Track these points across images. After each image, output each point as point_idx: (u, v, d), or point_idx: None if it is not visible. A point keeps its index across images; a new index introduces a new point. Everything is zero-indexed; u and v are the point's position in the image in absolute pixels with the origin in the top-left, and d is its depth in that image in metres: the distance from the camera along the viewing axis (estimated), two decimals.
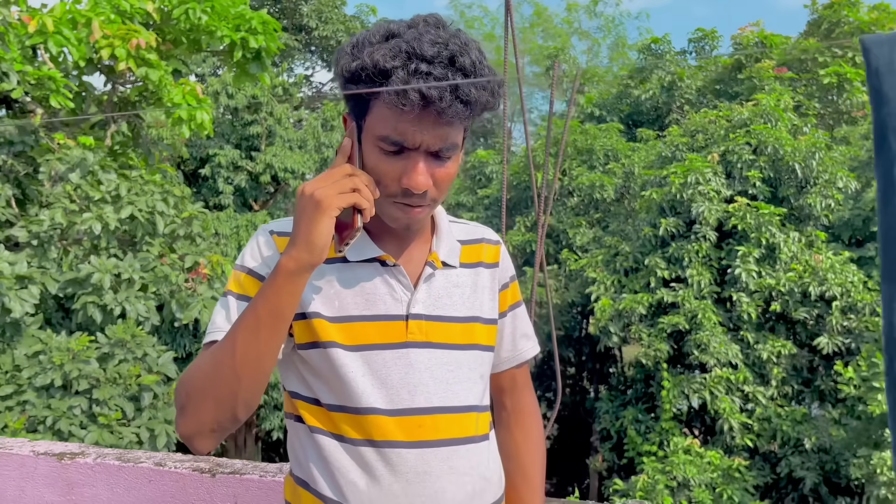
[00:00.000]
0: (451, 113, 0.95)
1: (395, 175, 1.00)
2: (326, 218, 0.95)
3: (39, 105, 6.92)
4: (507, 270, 1.24)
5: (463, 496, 1.05)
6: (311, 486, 1.06)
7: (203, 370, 1.00)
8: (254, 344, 0.96)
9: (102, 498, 2.13)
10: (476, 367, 1.12)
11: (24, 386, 5.66)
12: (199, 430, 0.99)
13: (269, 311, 0.96)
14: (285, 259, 0.96)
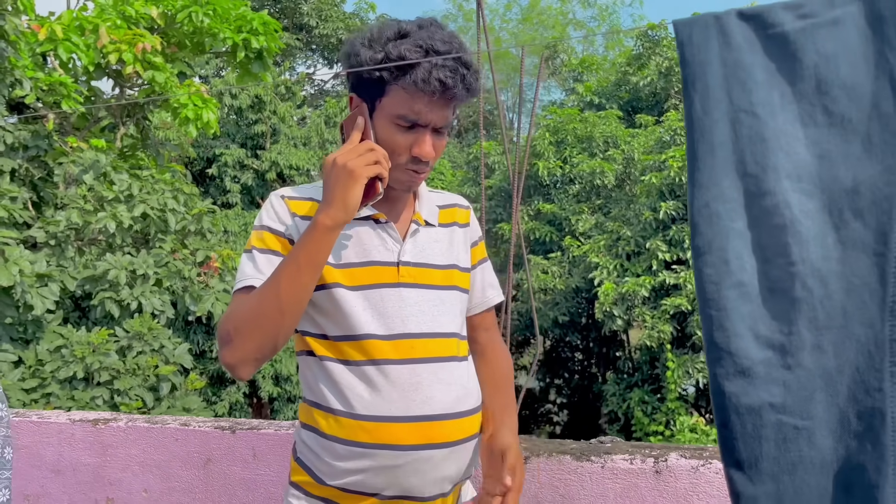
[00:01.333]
0: (459, 97, 1.21)
1: (407, 146, 1.24)
2: (358, 185, 1.18)
3: (51, 110, 7.15)
4: (476, 231, 1.49)
5: (449, 401, 1.27)
6: (322, 405, 1.28)
7: (249, 309, 1.21)
8: (295, 286, 1.18)
9: (134, 457, 2.35)
10: (455, 304, 1.35)
11: (47, 379, 5.90)
12: (243, 359, 1.21)
13: (308, 260, 1.18)
14: (322, 217, 1.18)
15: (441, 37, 1.21)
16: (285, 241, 1.28)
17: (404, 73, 1.20)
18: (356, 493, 1.26)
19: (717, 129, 0.80)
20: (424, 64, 1.18)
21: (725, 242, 0.80)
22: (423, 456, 1.23)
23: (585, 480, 1.88)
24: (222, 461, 2.25)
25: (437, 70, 1.18)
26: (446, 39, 1.21)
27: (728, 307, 0.79)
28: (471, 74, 1.22)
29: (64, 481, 2.45)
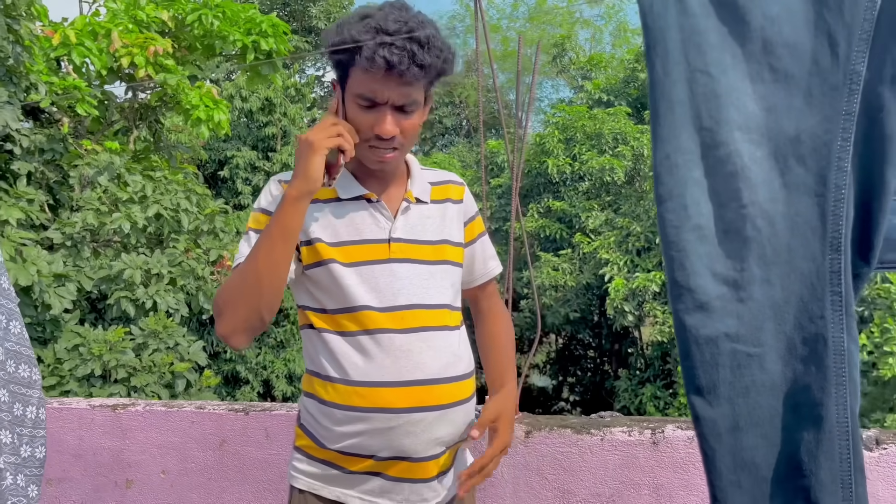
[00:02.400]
0: (409, 74, 1.23)
1: (369, 124, 1.29)
2: (318, 156, 1.25)
3: (65, 114, 7.29)
4: (471, 206, 1.55)
5: (439, 366, 1.34)
6: (321, 374, 1.36)
7: (234, 282, 1.31)
8: (270, 256, 1.27)
9: (153, 440, 2.44)
10: (446, 277, 1.42)
11: (66, 377, 6.03)
12: (234, 329, 1.29)
13: (280, 231, 1.27)
14: (290, 189, 1.26)
15: (395, 17, 1.24)
16: None
17: (359, 54, 1.25)
18: (354, 456, 1.34)
19: (676, 88, 0.88)
20: (370, 43, 1.22)
21: (684, 190, 0.87)
22: (414, 418, 1.31)
23: (586, 452, 1.95)
24: (236, 442, 2.33)
25: (382, 49, 1.22)
26: (400, 19, 1.24)
27: (688, 248, 0.87)
28: (426, 52, 1.24)
29: (85, 465, 2.54)
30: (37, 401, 1.34)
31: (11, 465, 1.34)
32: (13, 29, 5.96)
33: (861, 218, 0.84)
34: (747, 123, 0.86)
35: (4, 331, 1.27)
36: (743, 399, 0.85)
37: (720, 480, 0.86)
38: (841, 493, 0.80)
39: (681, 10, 0.88)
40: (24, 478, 1.36)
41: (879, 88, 0.82)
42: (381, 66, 1.22)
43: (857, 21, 0.81)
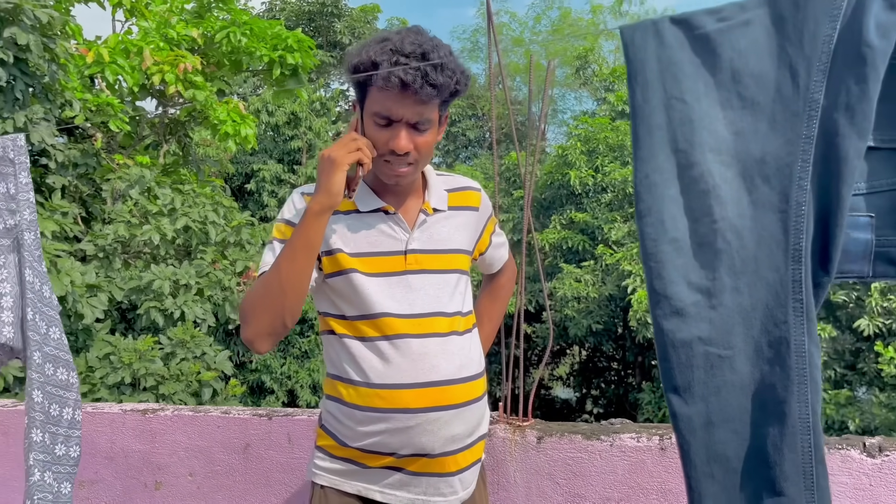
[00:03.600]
0: (423, 93, 1.31)
1: (385, 140, 1.37)
2: (340, 171, 1.33)
3: (99, 130, 7.52)
4: (486, 209, 1.63)
5: (453, 368, 1.43)
6: (342, 377, 1.44)
7: (259, 290, 1.40)
8: (292, 266, 1.36)
9: (181, 443, 2.54)
10: (456, 285, 1.50)
11: (97, 385, 6.19)
12: (258, 334, 1.39)
13: (302, 243, 1.36)
14: (312, 203, 1.35)
15: (411, 41, 1.32)
16: None
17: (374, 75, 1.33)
18: (375, 453, 1.42)
19: (655, 114, 0.96)
20: (385, 64, 1.30)
21: (662, 206, 0.95)
22: (431, 417, 1.39)
23: (595, 458, 2.01)
24: (260, 446, 2.41)
25: (398, 70, 1.29)
26: (415, 42, 1.32)
27: (665, 259, 0.94)
28: (439, 74, 1.31)
29: (116, 467, 2.64)
30: (73, 403, 1.44)
31: (40, 463, 1.44)
32: (49, 48, 6.18)
33: (820, 232, 0.91)
34: (718, 146, 0.93)
35: (44, 336, 1.38)
36: (715, 397, 0.92)
37: (695, 472, 0.93)
38: (803, 483, 0.87)
39: (659, 42, 0.97)
40: (53, 475, 1.45)
41: (835, 115, 0.89)
42: (397, 85, 1.30)
43: (816, 54, 0.89)
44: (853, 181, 0.87)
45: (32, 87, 6.24)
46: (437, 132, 1.44)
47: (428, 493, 1.43)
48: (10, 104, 6.02)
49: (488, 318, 1.75)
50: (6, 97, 6.02)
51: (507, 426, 2.07)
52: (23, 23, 5.77)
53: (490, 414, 2.13)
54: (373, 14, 19.70)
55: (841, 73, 0.88)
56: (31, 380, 1.38)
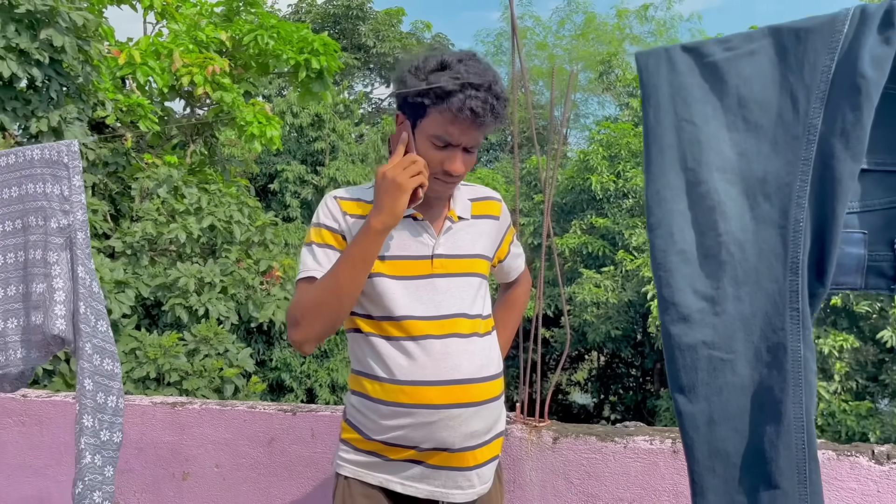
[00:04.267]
0: (487, 123, 1.41)
1: (440, 161, 1.45)
2: (405, 196, 1.40)
3: (129, 129, 7.70)
4: (506, 220, 1.71)
5: (474, 368, 1.50)
6: (368, 373, 1.52)
7: (313, 297, 1.47)
8: (351, 279, 1.44)
9: (208, 436, 2.63)
10: (478, 289, 1.58)
11: (123, 379, 6.33)
12: (309, 338, 1.48)
13: (361, 257, 1.44)
14: (375, 222, 1.41)
15: (476, 70, 1.40)
16: (339, 237, 1.54)
17: (442, 100, 1.39)
18: (398, 447, 1.50)
19: (666, 134, 1.03)
20: (459, 95, 1.38)
21: (671, 220, 1.03)
22: (453, 413, 1.47)
23: (609, 459, 2.07)
24: (284, 440, 2.50)
25: (470, 100, 1.37)
26: (480, 73, 1.40)
27: (673, 269, 1.02)
28: (500, 104, 1.41)
29: (146, 457, 2.74)
30: (116, 391, 1.54)
31: (90, 446, 1.54)
32: (83, 49, 6.35)
33: (817, 247, 0.98)
34: (724, 165, 1.01)
35: (93, 329, 1.47)
36: (717, 397, 0.99)
37: (698, 466, 1.00)
38: (797, 477, 0.94)
39: (671, 69, 1.05)
40: (101, 458, 1.55)
41: (832, 139, 0.96)
42: (468, 116, 1.38)
43: (815, 83, 0.96)
44: (847, 200, 0.94)
45: (66, 88, 6.41)
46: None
47: (447, 486, 1.51)
48: (45, 104, 6.20)
49: (503, 326, 1.80)
50: (41, 97, 6.19)
51: (523, 427, 2.13)
52: (58, 25, 5.94)
53: (508, 414, 2.21)
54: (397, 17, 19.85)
55: (838, 100, 0.95)
56: (83, 369, 1.48)
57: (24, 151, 1.45)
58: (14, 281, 1.51)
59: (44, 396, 3.03)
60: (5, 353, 1.53)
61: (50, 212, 1.44)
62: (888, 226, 0.98)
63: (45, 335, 1.44)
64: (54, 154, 1.41)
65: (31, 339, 1.51)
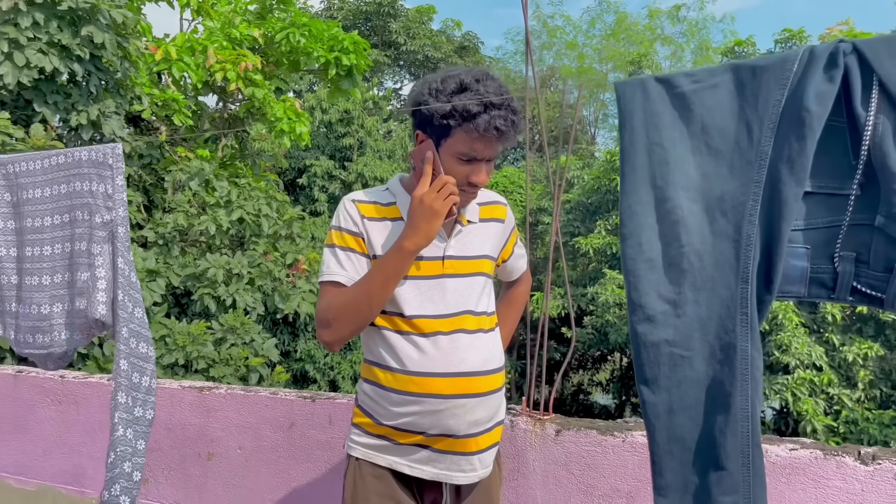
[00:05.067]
0: (509, 137, 1.53)
1: (465, 174, 1.56)
2: (439, 220, 1.53)
3: (163, 123, 7.93)
4: (510, 222, 1.83)
5: (479, 361, 1.62)
6: (379, 363, 1.65)
7: (345, 304, 1.58)
8: (382, 291, 1.57)
9: (232, 419, 2.78)
10: (483, 287, 1.70)
11: None
12: (339, 339, 1.62)
13: (394, 272, 1.56)
14: (408, 243, 1.53)
15: (494, 89, 1.51)
16: (360, 240, 1.65)
17: (468, 120, 1.50)
18: (407, 432, 1.62)
19: (639, 155, 1.15)
20: (484, 115, 1.49)
21: (640, 231, 1.15)
22: (459, 403, 1.59)
23: (608, 452, 2.17)
24: (304, 425, 2.63)
25: (495, 119, 1.48)
26: (499, 92, 1.51)
27: (641, 275, 1.14)
28: (518, 118, 1.52)
29: (174, 437, 2.90)
30: (150, 372, 1.69)
31: (123, 421, 1.69)
32: (122, 46, 6.58)
33: (765, 259, 1.09)
34: (688, 184, 1.13)
35: (130, 314, 1.62)
36: (676, 389, 1.11)
37: (658, 449, 1.13)
38: (741, 460, 1.06)
39: (645, 97, 1.17)
40: (133, 432, 1.70)
41: (780, 165, 1.07)
42: (494, 135, 1.50)
43: (768, 114, 1.07)
44: (792, 219, 1.05)
45: (105, 82, 6.65)
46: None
47: (451, 469, 1.63)
48: (85, 98, 6.44)
49: (504, 322, 1.91)
50: (81, 91, 6.44)
51: (528, 419, 2.25)
52: (99, 22, 6.16)
53: (514, 407, 2.33)
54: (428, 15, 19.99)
55: (786, 131, 1.07)
56: (119, 351, 1.64)
57: (74, 153, 1.60)
58: (61, 269, 1.67)
59: (80, 377, 3.21)
60: (51, 335, 1.69)
61: (95, 208, 1.60)
62: (829, 242, 1.09)
63: (88, 319, 1.60)
64: (100, 156, 1.57)
65: (74, 323, 1.68)
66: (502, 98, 1.50)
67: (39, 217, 1.67)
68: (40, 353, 1.74)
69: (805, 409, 9.59)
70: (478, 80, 1.53)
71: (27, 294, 1.71)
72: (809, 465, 1.91)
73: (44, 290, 1.69)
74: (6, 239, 1.72)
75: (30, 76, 5.79)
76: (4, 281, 1.74)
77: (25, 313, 1.72)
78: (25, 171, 1.66)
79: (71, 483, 3.14)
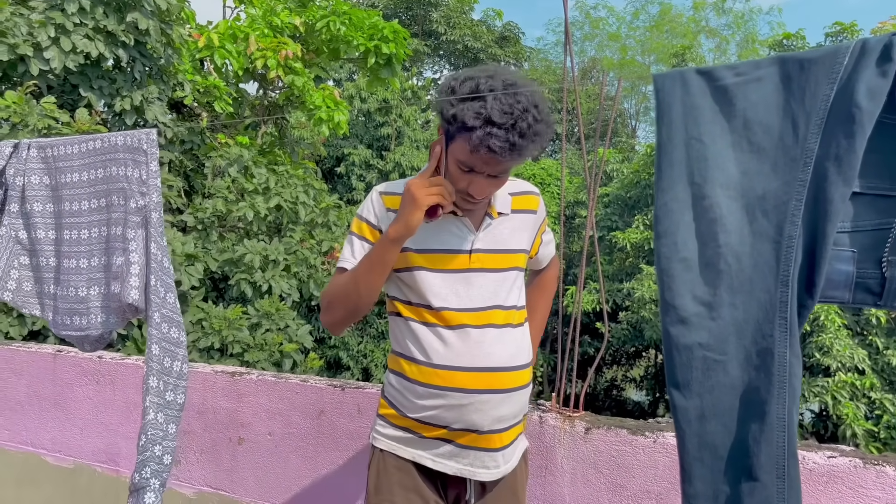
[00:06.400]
0: (507, 159, 1.45)
1: (465, 184, 1.53)
2: (419, 211, 1.50)
3: (205, 109, 8.03)
4: (542, 213, 1.77)
5: (506, 356, 1.60)
6: (406, 355, 1.64)
7: (338, 288, 1.63)
8: (367, 278, 1.58)
9: (263, 405, 2.81)
10: (514, 281, 1.67)
11: (189, 348, 6.68)
12: (333, 322, 1.66)
13: (378, 260, 1.57)
14: (391, 229, 1.52)
15: (505, 105, 1.41)
16: (376, 232, 1.65)
17: (464, 131, 1.45)
18: (430, 425, 1.61)
19: (676, 151, 1.11)
20: (479, 131, 1.41)
21: (676, 230, 1.10)
22: (483, 398, 1.57)
23: (639, 452, 2.13)
24: (333, 414, 2.64)
25: (488, 138, 1.40)
26: (507, 111, 1.41)
27: (675, 275, 1.10)
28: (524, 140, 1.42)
29: (205, 421, 2.94)
30: (182, 357, 1.70)
31: (154, 405, 1.71)
32: (166, 32, 6.67)
33: (807, 262, 1.04)
34: (727, 182, 1.08)
35: (163, 300, 1.64)
36: (709, 395, 1.07)
37: (688, 455, 1.09)
38: (776, 472, 1.02)
39: (685, 90, 1.12)
40: (164, 416, 1.72)
41: (826, 164, 1.02)
42: (486, 154, 1.44)
43: (815, 110, 1.02)
44: (837, 220, 1.00)
45: (149, 69, 6.75)
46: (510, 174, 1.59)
47: (475, 465, 1.62)
48: (129, 83, 6.54)
49: (534, 311, 1.89)
50: (126, 77, 6.54)
51: (558, 415, 2.22)
52: (143, 9, 6.25)
53: (544, 403, 2.30)
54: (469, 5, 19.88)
55: (834, 128, 1.01)
56: (151, 335, 1.66)
57: (110, 137, 1.62)
58: (97, 253, 1.69)
59: (117, 358, 3.28)
60: (87, 317, 1.72)
61: (129, 193, 1.62)
62: (877, 245, 1.04)
63: (122, 303, 1.62)
64: (135, 141, 1.58)
65: (110, 306, 1.70)
66: (506, 118, 1.41)
67: (77, 201, 1.69)
68: (77, 335, 1.77)
69: (845, 413, 9.35)
70: (493, 88, 1.45)
71: (65, 276, 1.74)
72: (848, 473, 1.85)
73: (81, 273, 1.72)
74: (45, 221, 1.75)
75: (76, 61, 5.90)
76: (43, 263, 1.77)
77: (63, 295, 1.75)
78: (63, 154, 1.69)
79: (106, 462, 3.21)
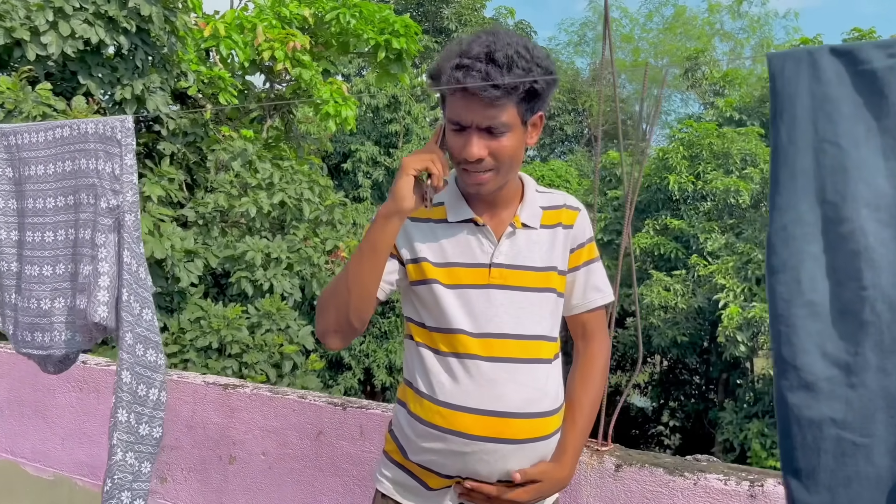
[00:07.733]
0: (487, 96, 1.23)
1: (459, 148, 1.31)
2: (405, 176, 1.29)
3: (209, 101, 7.80)
4: (581, 233, 1.48)
5: (520, 401, 1.33)
6: (413, 385, 1.41)
7: (330, 287, 1.40)
8: (358, 269, 1.34)
9: (257, 421, 2.58)
10: (546, 306, 1.40)
11: (186, 346, 6.46)
12: (326, 330, 1.39)
13: (369, 246, 1.33)
14: (381, 208, 1.32)
15: (481, 41, 1.26)
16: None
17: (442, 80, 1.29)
18: (435, 473, 1.38)
19: (800, 157, 0.84)
20: (447, 69, 1.26)
21: (799, 263, 0.84)
22: (489, 448, 1.32)
23: (677, 496, 1.89)
24: (332, 434, 2.42)
25: (454, 71, 1.24)
26: (484, 43, 1.26)
27: (797, 324, 0.83)
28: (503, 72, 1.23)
29: (195, 436, 2.72)
30: (159, 384, 1.46)
31: (123, 443, 1.46)
32: (170, 20, 6.43)
33: None
34: (877, 201, 0.81)
35: (137, 317, 1.40)
36: (844, 489, 0.80)
37: None
38: None
39: (814, 76, 0.85)
40: (135, 455, 1.48)
41: None
42: (456, 88, 1.26)
43: None
44: None
45: (152, 57, 6.51)
46: (523, 136, 1.33)
47: None
48: (131, 72, 6.31)
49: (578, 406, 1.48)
50: (127, 65, 6.31)
51: (584, 449, 1.97)
52: None
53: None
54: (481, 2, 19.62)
55: None
56: (122, 360, 1.41)
57: (80, 124, 1.37)
58: (63, 259, 1.45)
59: (102, 364, 3.05)
60: (50, 334, 1.47)
61: (100, 190, 1.37)
62: None
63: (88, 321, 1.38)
64: (108, 130, 1.33)
65: (75, 322, 1.45)
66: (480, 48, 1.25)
67: (41, 198, 1.44)
68: (39, 354, 1.53)
69: None
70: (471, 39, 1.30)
71: (27, 285, 1.49)
72: None
73: (44, 282, 1.47)
74: (7, 220, 1.50)
75: (74, 47, 5.67)
76: (4, 268, 1.53)
77: (25, 307, 1.51)
78: (28, 143, 1.44)
79: (88, 475, 2.99)
